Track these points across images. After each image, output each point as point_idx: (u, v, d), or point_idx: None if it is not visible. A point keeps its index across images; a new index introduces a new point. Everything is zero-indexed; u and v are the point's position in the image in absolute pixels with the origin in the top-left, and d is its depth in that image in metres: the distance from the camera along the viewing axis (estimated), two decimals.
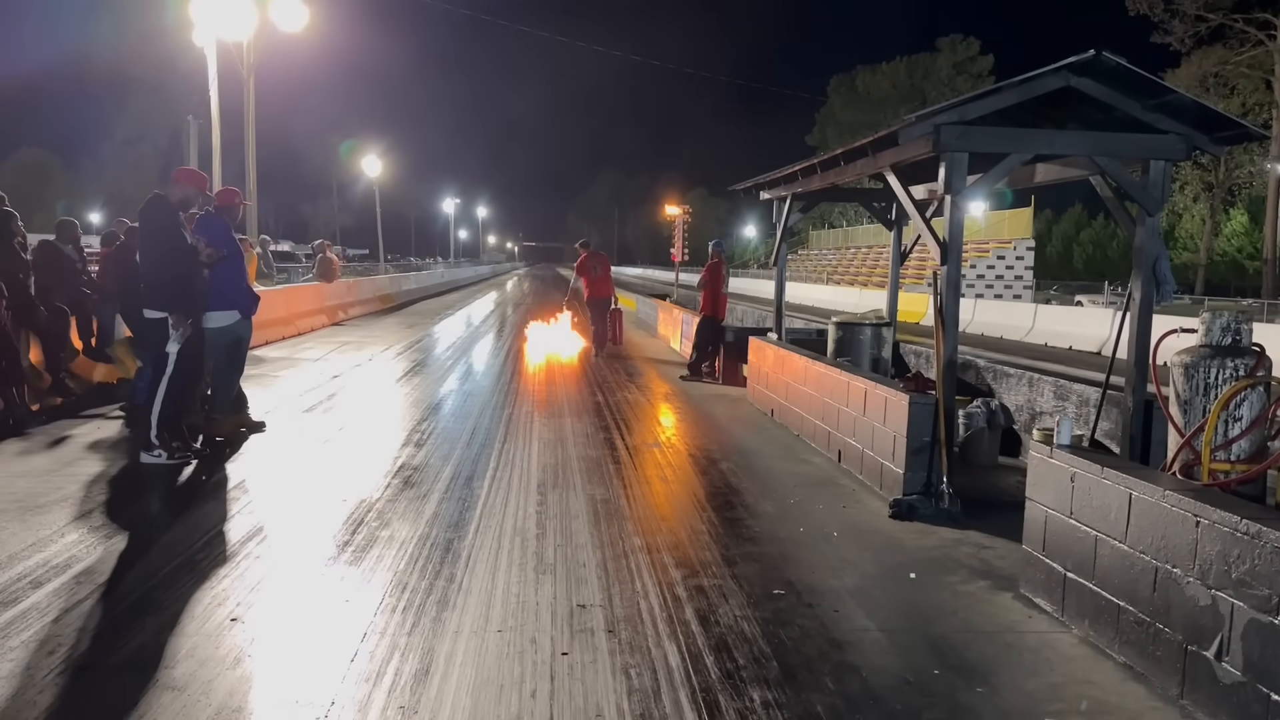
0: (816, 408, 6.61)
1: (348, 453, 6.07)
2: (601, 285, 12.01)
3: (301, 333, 14.27)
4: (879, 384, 5.53)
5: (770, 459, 6.25)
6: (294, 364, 10.58)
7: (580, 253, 12.11)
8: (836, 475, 5.80)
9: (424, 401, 8.23)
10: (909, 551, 4.32)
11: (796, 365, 7.18)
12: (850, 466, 5.87)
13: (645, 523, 4.62)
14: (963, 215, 5.14)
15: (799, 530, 4.58)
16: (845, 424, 5.99)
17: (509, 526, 4.47)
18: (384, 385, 9.25)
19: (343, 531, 4.32)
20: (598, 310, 12.05)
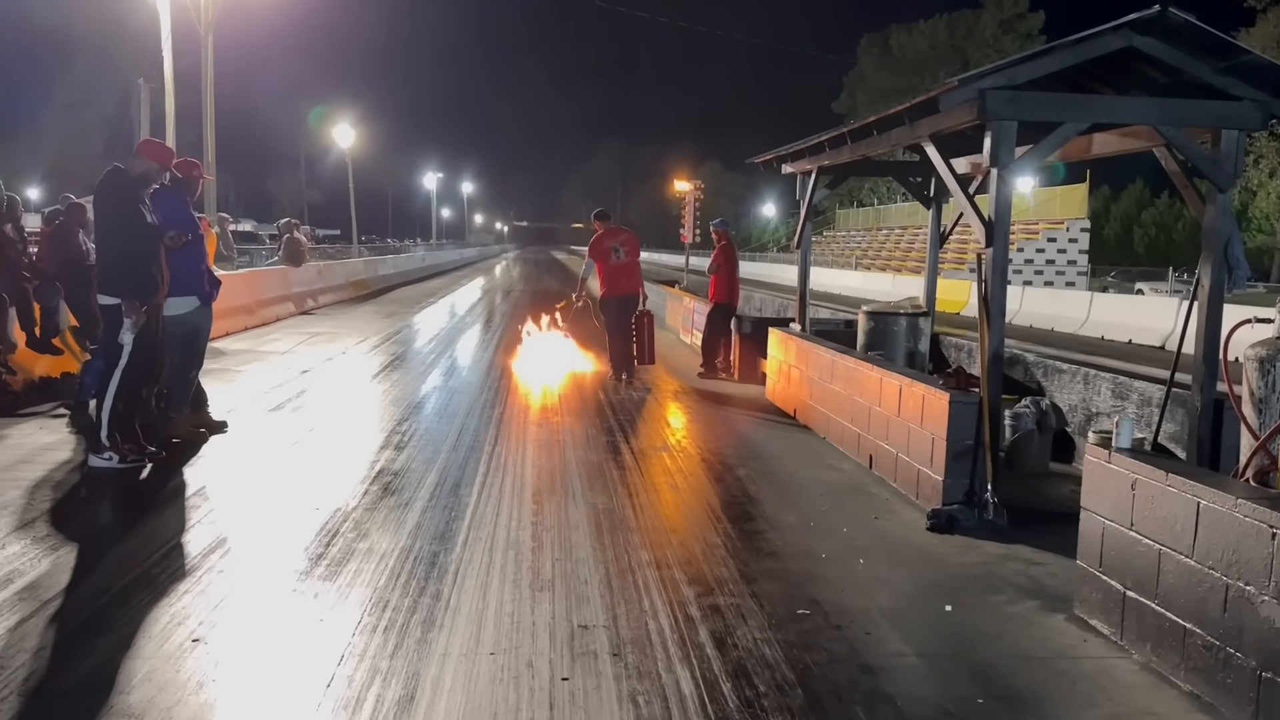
0: (845, 408, 6.62)
1: (320, 456, 6.09)
2: (624, 276, 9.33)
3: (266, 323, 14.31)
4: (915, 381, 5.53)
5: (793, 465, 6.26)
6: (258, 357, 10.61)
7: (595, 227, 9.50)
8: (867, 483, 5.81)
9: (404, 400, 8.26)
10: (949, 568, 4.33)
11: (822, 360, 7.18)
12: (883, 473, 5.89)
13: (653, 535, 4.64)
14: (1010, 192, 5.13)
15: (826, 544, 4.60)
16: (877, 426, 6.00)
17: (501, 538, 4.49)
18: (359, 381, 9.28)
19: (315, 543, 4.35)
20: (619, 314, 9.30)
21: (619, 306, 9.33)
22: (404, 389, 8.86)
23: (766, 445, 6.88)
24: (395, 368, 10.27)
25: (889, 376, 5.89)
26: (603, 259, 9.31)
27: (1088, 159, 6.64)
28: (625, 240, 9.43)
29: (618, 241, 9.38)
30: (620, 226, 9.77)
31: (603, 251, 9.32)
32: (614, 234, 9.44)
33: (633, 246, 9.41)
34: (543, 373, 9.64)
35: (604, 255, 9.32)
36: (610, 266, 9.31)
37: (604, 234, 9.38)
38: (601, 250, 9.33)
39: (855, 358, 6.69)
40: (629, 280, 9.36)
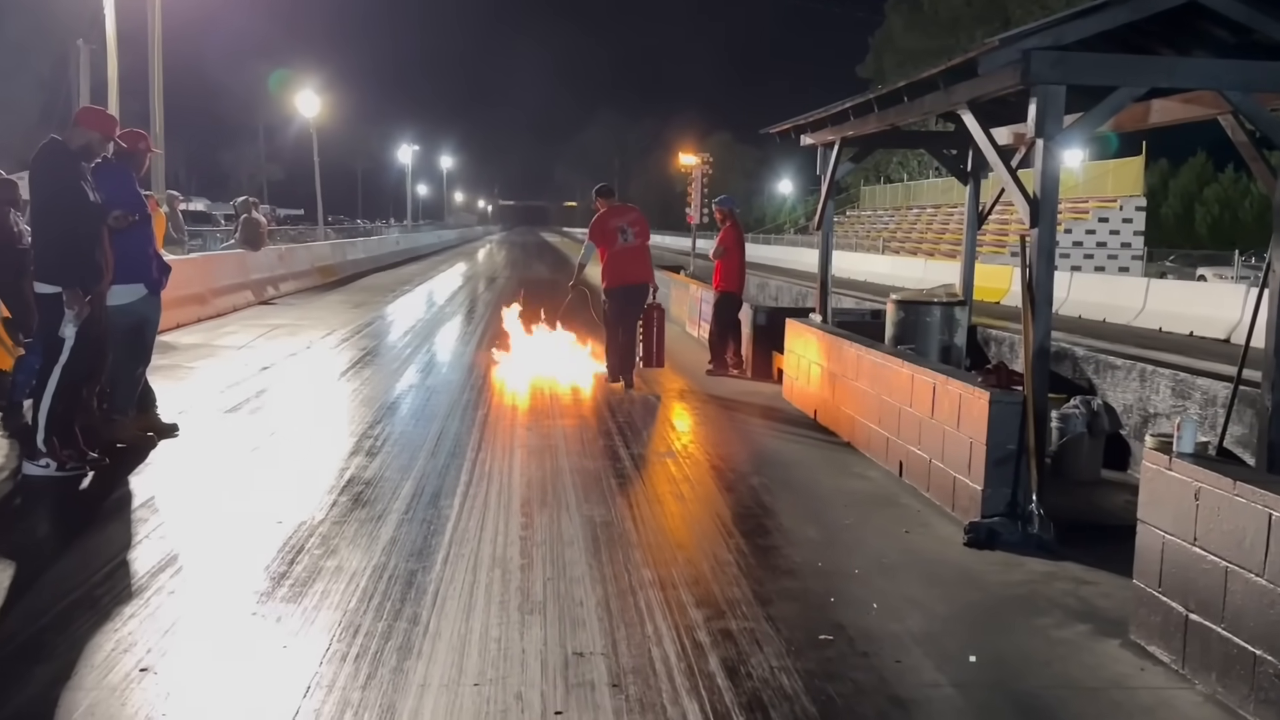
0: (872, 408, 6.62)
1: (282, 463, 6.10)
2: (632, 262, 8.80)
3: (221, 313, 14.32)
4: (951, 378, 5.53)
5: (813, 472, 6.27)
6: (213, 352, 10.62)
7: (597, 205, 9.01)
8: (897, 492, 5.82)
9: (377, 400, 8.28)
10: (989, 588, 4.34)
11: (846, 355, 7.19)
12: (914, 481, 5.89)
13: (657, 551, 4.64)
14: (1058, 165, 5.13)
15: (850, 561, 4.60)
16: (909, 428, 6.00)
17: (486, 555, 4.50)
18: (326, 379, 9.29)
19: (278, 561, 4.35)
20: (625, 307, 8.83)
21: (625, 298, 8.81)
22: (376, 388, 8.86)
23: (783, 450, 6.88)
24: (366, 364, 10.28)
25: (921, 373, 5.89)
26: (606, 242, 8.78)
27: (1144, 129, 6.62)
28: (633, 220, 8.89)
29: (624, 221, 8.81)
30: (626, 204, 9.26)
31: (606, 233, 8.79)
32: (619, 212, 8.90)
33: (641, 227, 8.88)
34: (532, 370, 9.63)
35: (607, 238, 8.78)
36: (615, 251, 8.75)
37: (607, 213, 8.85)
38: (604, 232, 8.80)
39: (883, 352, 6.69)
40: (637, 267, 8.80)
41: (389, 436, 6.88)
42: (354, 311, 15.84)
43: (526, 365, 9.73)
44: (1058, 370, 7.19)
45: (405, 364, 10.43)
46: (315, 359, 10.55)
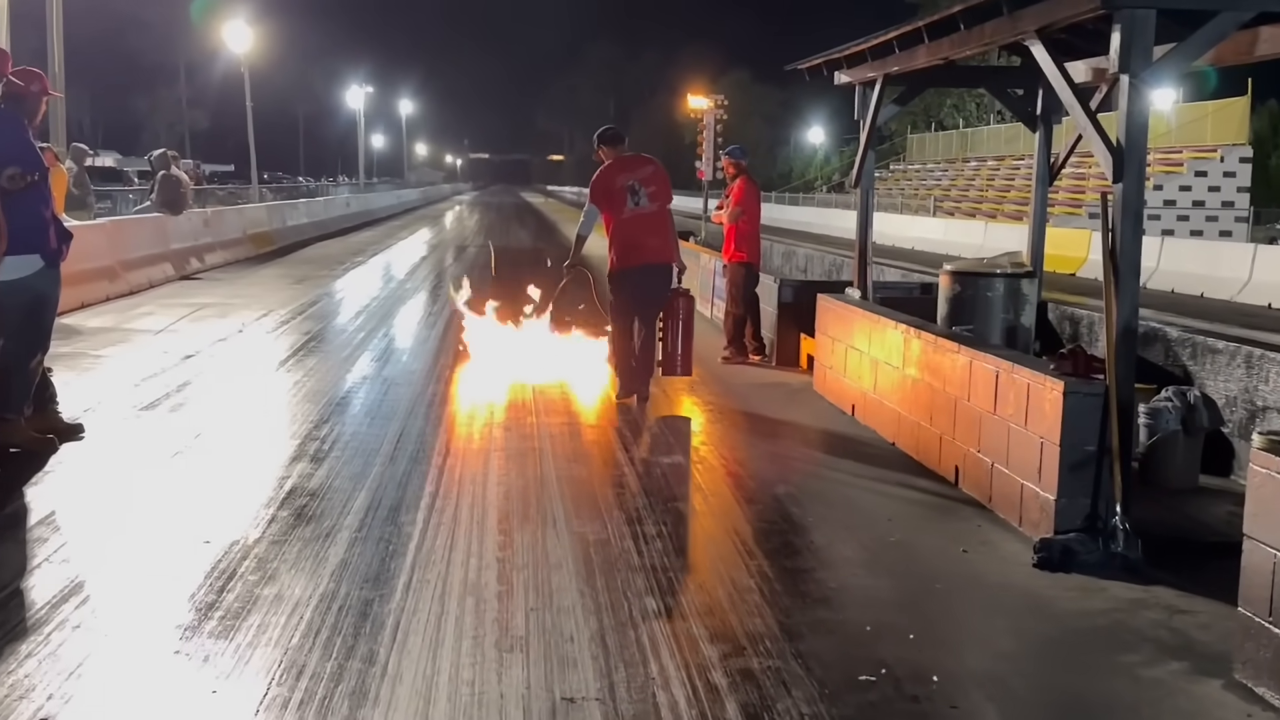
0: (922, 401, 6.62)
1: (210, 471, 6.11)
2: (648, 233, 8.00)
3: (135, 290, 14.31)
4: (1018, 365, 5.53)
5: (851, 479, 6.27)
6: (125, 338, 10.61)
7: (600, 155, 8.28)
8: (953, 504, 5.82)
9: (323, 394, 8.29)
10: (1064, 617, 4.34)
11: (891, 338, 7.18)
12: (973, 489, 5.89)
13: (663, 575, 4.64)
14: (1146, 107, 5.10)
15: (896, 586, 4.60)
16: (966, 426, 6.00)
17: (457, 581, 4.50)
18: (262, 370, 9.30)
19: (205, 588, 4.36)
20: (639, 296, 8.07)
21: (639, 284, 7.97)
22: (322, 380, 8.87)
23: (814, 454, 6.89)
24: (310, 351, 10.27)
25: (982, 359, 5.88)
26: (611, 206, 7.96)
27: (1250, 62, 6.58)
28: (648, 176, 8.03)
29: (636, 178, 7.98)
30: (640, 155, 8.34)
31: (612, 194, 7.97)
32: (630, 166, 8.07)
33: (660, 186, 8.06)
34: (512, 357, 9.61)
35: (613, 200, 7.95)
36: (624, 219, 7.93)
37: (614, 167, 8.05)
38: (609, 192, 7.98)
39: (935, 334, 6.68)
40: (655, 241, 7.97)
41: (338, 438, 6.88)
42: (296, 288, 15.82)
43: (505, 353, 9.72)
44: (1146, 355, 7.17)
45: (358, 351, 10.42)
46: (249, 345, 10.54)
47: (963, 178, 44.40)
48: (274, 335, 11.22)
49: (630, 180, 8.00)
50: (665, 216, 8.10)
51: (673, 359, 8.29)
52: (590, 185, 8.14)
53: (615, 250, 7.99)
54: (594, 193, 8.10)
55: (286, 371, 9.26)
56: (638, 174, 8.04)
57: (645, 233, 7.95)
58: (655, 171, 8.12)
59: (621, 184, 7.99)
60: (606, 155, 8.20)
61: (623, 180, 8.01)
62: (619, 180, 8.01)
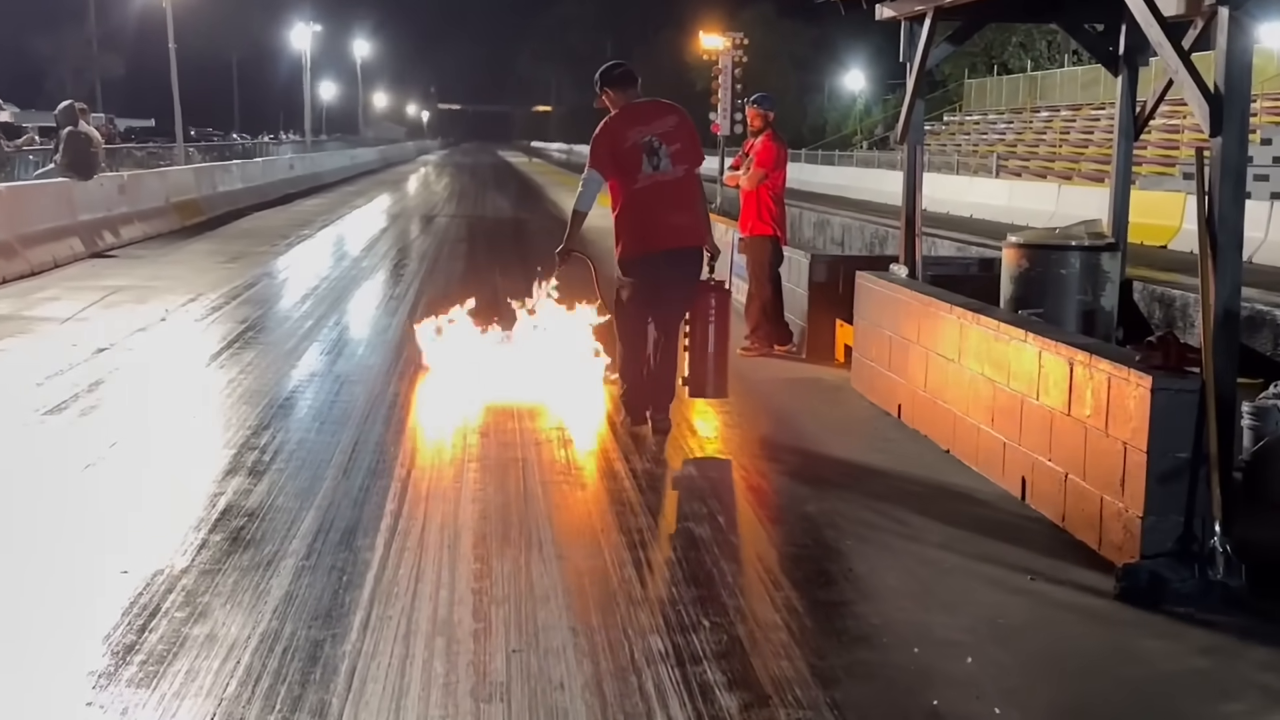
0: (981, 401, 6.63)
1: (128, 487, 6.12)
2: (668, 207, 7.26)
3: (37, 270, 14.33)
4: (1097, 355, 5.52)
5: (896, 494, 6.28)
6: (25, 328, 10.63)
7: (603, 101, 7.53)
8: (1018, 521, 5.83)
9: (263, 395, 8.30)
10: (1152, 659, 4.33)
11: (944, 325, 7.18)
12: (1042, 505, 5.90)
13: (671, 610, 4.65)
14: (1250, 45, 5.08)
15: (950, 622, 4.60)
16: (1034, 430, 6.00)
17: (424, 617, 4.51)
18: (191, 366, 9.32)
19: (124, 627, 4.36)
20: (656, 290, 7.35)
21: (658, 276, 7.27)
22: (262, 378, 8.89)
23: (853, 463, 6.89)
24: (248, 343, 10.29)
25: (1054, 349, 5.88)
26: (621, 172, 7.27)
27: None
28: (671, 129, 7.34)
29: (654, 132, 7.27)
30: (658, 100, 7.60)
31: (621, 155, 7.26)
32: (645, 116, 7.37)
33: (687, 143, 7.38)
34: (490, 349, 9.61)
35: (623, 163, 7.26)
36: (639, 190, 7.23)
37: (623, 117, 7.36)
38: (617, 152, 7.27)
39: (998, 319, 6.67)
40: (681, 217, 7.31)
41: (281, 447, 6.90)
42: (230, 267, 15.82)
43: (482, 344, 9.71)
44: (1251, 344, 7.18)
45: (304, 343, 10.44)
46: (174, 336, 10.56)
47: (1031, 131, 44.25)
48: (204, 324, 11.23)
49: (646, 136, 7.23)
50: (693, 184, 7.39)
51: (702, 375, 7.45)
52: (591, 144, 7.34)
53: (625, 231, 7.31)
54: (596, 153, 7.30)
55: (219, 367, 9.27)
56: (656, 127, 7.28)
57: (667, 206, 7.22)
58: (680, 123, 7.39)
59: (634, 141, 7.22)
60: (613, 101, 7.43)
61: (635, 136, 7.23)
62: (630, 135, 7.24)
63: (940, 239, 17.92)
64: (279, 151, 47.00)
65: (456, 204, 32.10)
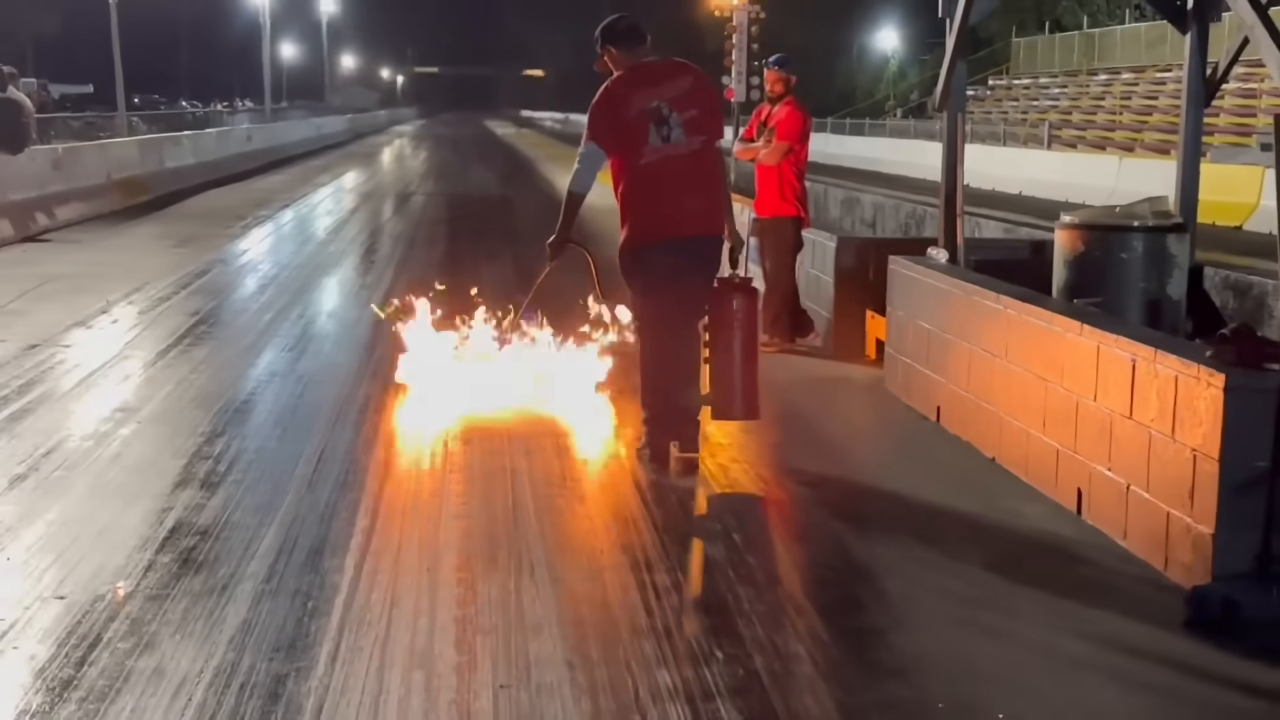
0: (1032, 403, 6.61)
1: (64, 502, 6.10)
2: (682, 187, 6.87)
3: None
4: (1163, 351, 5.50)
5: (934, 509, 6.27)
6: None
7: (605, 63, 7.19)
8: (1073, 538, 5.82)
9: (217, 397, 8.30)
10: (1225, 695, 4.32)
11: (989, 317, 7.17)
12: (1101, 520, 5.89)
13: (680, 641, 4.63)
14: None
15: (996, 653, 4.58)
16: (1091, 435, 5.99)
17: (400, 648, 4.49)
18: (134, 364, 9.31)
19: (59, 660, 4.34)
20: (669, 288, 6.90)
21: (670, 271, 6.86)
22: (216, 377, 8.88)
23: (885, 474, 6.90)
24: (200, 338, 10.28)
25: (1113, 343, 5.86)
26: (624, 144, 6.93)
27: None
28: (685, 93, 7.00)
29: (665, 96, 6.93)
30: (671, 60, 7.33)
31: (625, 125, 6.91)
32: (654, 77, 7.05)
33: (705, 109, 7.04)
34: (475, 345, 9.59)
35: (627, 134, 6.90)
36: (646, 166, 6.87)
37: (628, 80, 7.02)
38: (622, 123, 6.92)
39: (1050, 310, 6.66)
40: (696, 199, 6.94)
41: (238, 456, 6.89)
42: (179, 253, 15.83)
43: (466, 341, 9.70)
44: None
45: (264, 338, 10.45)
46: (116, 331, 10.55)
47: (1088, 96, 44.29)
48: (150, 317, 11.23)
49: (654, 101, 6.86)
50: (710, 160, 7.00)
51: (728, 393, 6.98)
52: (590, 111, 7.02)
53: (631, 215, 6.89)
54: (594, 123, 6.97)
55: (167, 366, 9.26)
56: (666, 90, 6.93)
57: (680, 186, 6.83)
58: (696, 86, 7.04)
59: (640, 107, 6.86)
60: (617, 62, 7.08)
61: (642, 101, 6.87)
62: (636, 101, 6.88)
63: (985, 219, 17.95)
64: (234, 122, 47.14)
65: (436, 181, 32.13)
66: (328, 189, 28.46)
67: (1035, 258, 9.16)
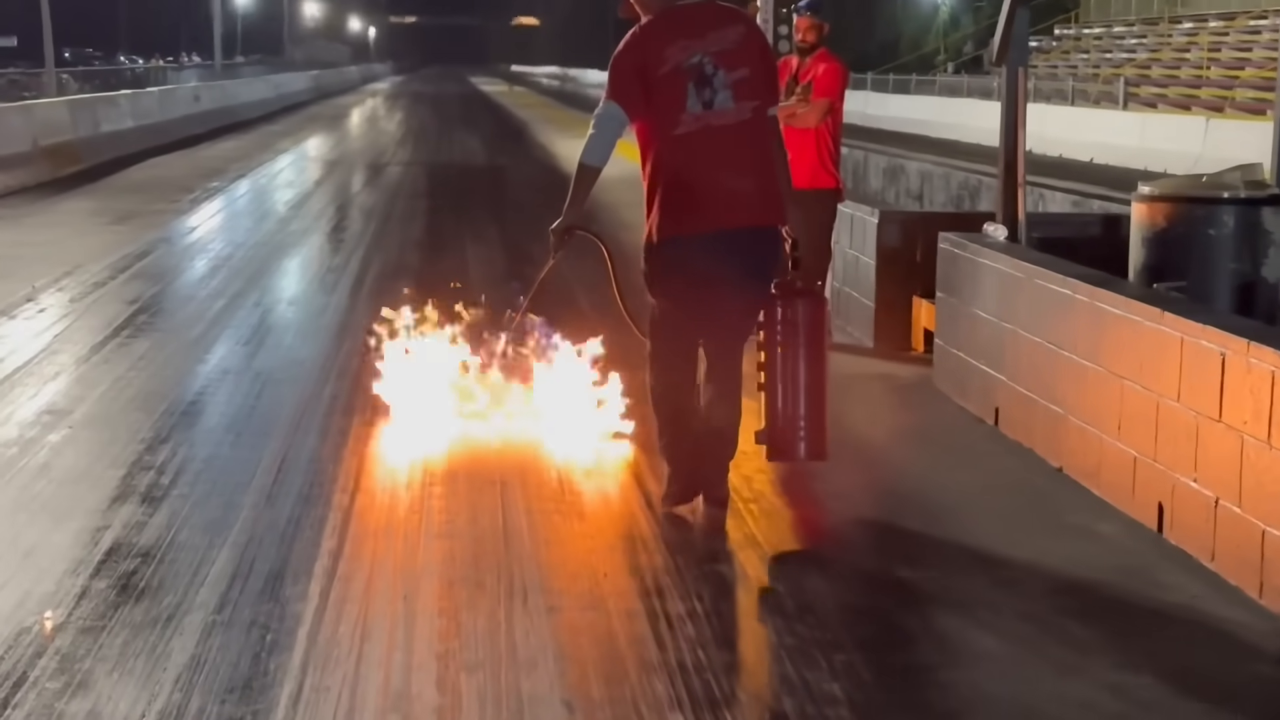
0: (1105, 403, 6.61)
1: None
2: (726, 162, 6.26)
3: None
4: (1258, 343, 5.49)
5: (991, 525, 6.27)
6: None
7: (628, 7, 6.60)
8: (1152, 561, 5.81)
9: (161, 397, 8.33)
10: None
11: (1055, 303, 7.18)
12: (1184, 539, 5.88)
13: (696, 677, 4.62)
14: None
15: (1064, 692, 4.58)
16: (1174, 442, 5.98)
17: (373, 688, 4.50)
18: (65, 359, 9.34)
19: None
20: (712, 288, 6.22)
21: (714, 271, 6.19)
22: (159, 375, 8.92)
23: (934, 484, 6.91)
24: (141, 330, 10.32)
25: (1199, 334, 5.85)
26: (653, 107, 6.34)
27: None
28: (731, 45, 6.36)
29: (705, 48, 6.31)
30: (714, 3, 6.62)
31: (654, 85, 6.32)
32: (691, 23, 6.41)
33: (756, 66, 6.41)
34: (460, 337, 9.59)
35: (657, 96, 6.32)
36: (679, 137, 6.29)
37: (659, 25, 6.44)
38: (651, 81, 6.33)
39: (1125, 295, 6.65)
40: (747, 181, 6.34)
41: (185, 466, 6.91)
42: (117, 231, 15.85)
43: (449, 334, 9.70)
44: None
45: (215, 329, 10.49)
46: (44, 322, 10.59)
47: (1170, 48, 44.13)
48: (83, 305, 11.27)
49: (695, 55, 6.27)
50: (763, 131, 6.40)
51: (789, 428, 6.35)
52: (611, 65, 6.44)
53: (660, 200, 6.27)
54: (617, 79, 6.38)
55: (103, 361, 9.30)
56: (711, 42, 6.31)
57: (724, 163, 6.25)
58: (747, 38, 6.44)
59: (676, 62, 6.27)
60: (647, 5, 6.50)
61: (679, 54, 6.28)
62: (671, 54, 6.29)
63: (1050, 190, 17.89)
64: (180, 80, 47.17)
65: (414, 147, 32.12)
66: (288, 157, 28.48)
67: (1108, 235, 9.14)
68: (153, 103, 32.50)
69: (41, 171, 21.03)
